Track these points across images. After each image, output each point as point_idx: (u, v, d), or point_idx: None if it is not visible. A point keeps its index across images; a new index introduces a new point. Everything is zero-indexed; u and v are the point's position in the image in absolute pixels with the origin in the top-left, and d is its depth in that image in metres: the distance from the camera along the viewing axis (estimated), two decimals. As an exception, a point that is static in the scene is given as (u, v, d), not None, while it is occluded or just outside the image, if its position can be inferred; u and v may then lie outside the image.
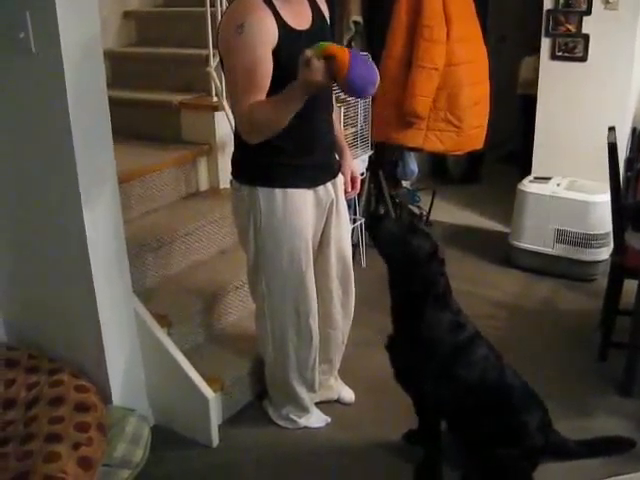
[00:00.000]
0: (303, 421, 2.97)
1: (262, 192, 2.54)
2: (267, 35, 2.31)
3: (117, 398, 2.77)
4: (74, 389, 2.61)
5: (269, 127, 2.32)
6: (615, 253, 3.35)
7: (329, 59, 2.10)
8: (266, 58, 2.32)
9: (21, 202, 2.70)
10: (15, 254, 2.82)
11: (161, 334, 2.83)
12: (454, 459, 2.68)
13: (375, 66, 2.22)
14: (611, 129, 3.26)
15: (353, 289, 2.96)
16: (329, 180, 2.68)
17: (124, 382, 2.80)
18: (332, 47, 2.13)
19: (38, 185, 2.61)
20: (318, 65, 2.09)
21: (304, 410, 2.97)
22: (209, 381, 2.84)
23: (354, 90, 2.21)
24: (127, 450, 2.59)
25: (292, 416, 2.96)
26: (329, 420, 3.00)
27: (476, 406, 2.51)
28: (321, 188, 2.65)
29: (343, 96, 3.94)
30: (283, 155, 2.49)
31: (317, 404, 3.05)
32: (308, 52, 2.11)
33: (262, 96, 2.31)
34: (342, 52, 2.12)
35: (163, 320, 2.91)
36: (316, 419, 2.99)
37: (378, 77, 2.19)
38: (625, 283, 3.35)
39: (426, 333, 2.47)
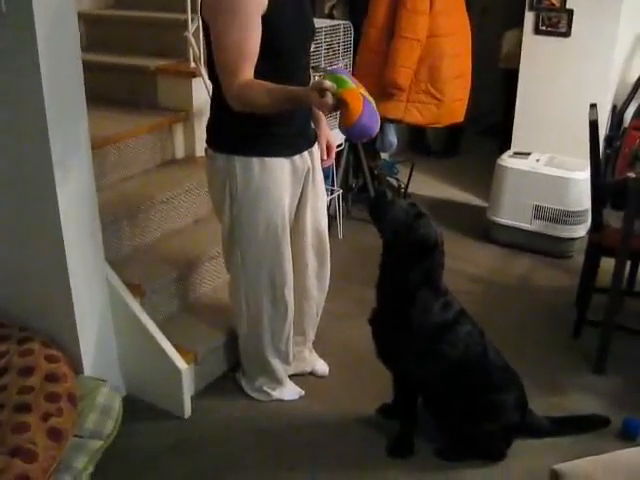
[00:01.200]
0: (277, 393, 2.95)
1: (239, 161, 2.50)
2: (258, 2, 2.27)
3: (88, 368, 2.74)
4: (44, 359, 2.57)
5: (258, 108, 2.30)
6: (593, 231, 3.34)
7: (342, 102, 2.09)
8: (257, 24, 2.28)
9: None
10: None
11: (134, 304, 2.79)
12: (427, 432, 2.69)
13: (378, 117, 2.20)
14: (593, 106, 3.24)
15: (329, 261, 2.93)
16: (306, 149, 2.65)
17: (96, 352, 2.76)
18: (350, 94, 2.10)
19: (8, 151, 2.53)
20: (329, 102, 2.09)
21: (278, 382, 2.95)
22: (182, 352, 2.81)
23: (349, 136, 2.28)
24: (98, 421, 2.56)
25: (265, 388, 2.94)
26: (303, 393, 2.99)
27: (457, 382, 2.51)
28: (298, 157, 2.61)
29: (322, 66, 3.89)
30: (262, 123, 2.44)
31: (291, 377, 3.03)
32: (327, 83, 2.09)
33: (253, 65, 2.28)
34: (357, 104, 2.10)
35: (136, 289, 2.87)
36: (290, 392, 2.98)
37: (377, 130, 2.20)
38: (602, 261, 3.35)
39: (417, 317, 2.45)
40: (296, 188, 2.67)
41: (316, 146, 2.74)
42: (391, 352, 2.60)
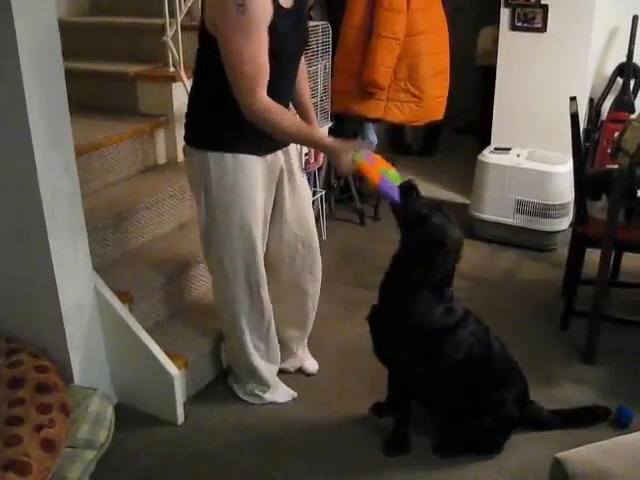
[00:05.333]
0: (268, 396, 2.94)
1: (212, 157, 2.51)
2: (266, 15, 2.28)
3: (79, 378, 2.70)
4: (34, 370, 2.53)
5: (276, 132, 2.40)
6: (577, 223, 3.37)
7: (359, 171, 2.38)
8: (266, 39, 2.30)
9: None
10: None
11: (123, 311, 2.76)
12: (424, 429, 2.70)
13: (396, 193, 2.37)
14: (572, 99, 3.27)
15: (319, 252, 2.94)
16: (280, 148, 2.65)
17: (86, 361, 2.73)
18: (366, 170, 2.36)
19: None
20: (350, 169, 2.37)
21: (266, 384, 2.93)
22: (173, 358, 2.79)
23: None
24: (91, 430, 2.53)
25: (257, 392, 2.93)
26: (295, 395, 2.97)
27: (458, 382, 2.52)
28: (271, 156, 2.62)
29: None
30: (235, 121, 2.43)
31: (282, 376, 3.02)
32: (355, 157, 2.34)
33: (267, 77, 2.33)
34: (374, 179, 2.36)
35: (124, 297, 2.84)
36: (282, 394, 2.96)
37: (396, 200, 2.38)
38: (585, 253, 3.38)
39: (415, 317, 2.44)
40: (270, 187, 2.67)
41: (292, 146, 2.74)
42: (388, 351, 2.59)
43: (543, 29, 4.39)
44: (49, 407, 2.41)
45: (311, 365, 3.14)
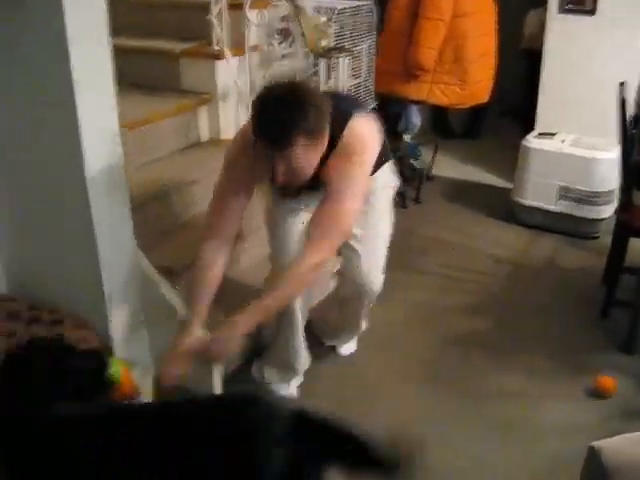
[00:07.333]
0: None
1: None
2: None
3: (119, 350, 2.74)
4: (76, 341, 2.58)
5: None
6: (622, 210, 3.32)
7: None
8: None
9: (21, 157, 2.61)
10: (16, 206, 2.76)
11: (165, 288, 2.79)
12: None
13: None
14: (621, 84, 3.21)
15: None
16: None
17: (126, 336, 2.77)
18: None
19: (37, 138, 2.53)
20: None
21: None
22: (212, 335, 2.81)
23: None
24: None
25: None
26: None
27: None
28: None
29: (347, 46, 3.87)
30: None
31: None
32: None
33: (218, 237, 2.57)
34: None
35: (167, 272, 2.86)
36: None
37: None
38: (629, 241, 3.33)
39: None
40: None
41: None
42: None
43: (593, 11, 4.29)
44: (90, 378, 2.45)
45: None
